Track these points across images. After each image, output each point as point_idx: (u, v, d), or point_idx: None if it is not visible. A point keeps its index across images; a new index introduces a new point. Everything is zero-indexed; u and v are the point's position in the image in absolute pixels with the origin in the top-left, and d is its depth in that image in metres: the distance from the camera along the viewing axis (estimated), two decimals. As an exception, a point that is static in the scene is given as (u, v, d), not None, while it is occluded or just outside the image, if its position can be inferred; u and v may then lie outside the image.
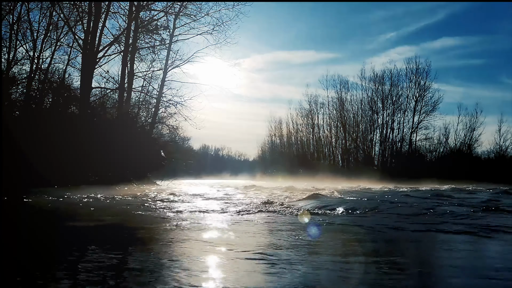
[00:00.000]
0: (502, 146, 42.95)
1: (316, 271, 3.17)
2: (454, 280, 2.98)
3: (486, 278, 3.01)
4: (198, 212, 7.23)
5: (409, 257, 3.88)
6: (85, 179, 14.77)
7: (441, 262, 3.59)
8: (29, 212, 7.36)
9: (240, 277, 2.94)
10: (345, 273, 3.14)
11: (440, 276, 3.11)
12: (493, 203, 9.06)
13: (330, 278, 2.98)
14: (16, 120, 14.76)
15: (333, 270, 3.23)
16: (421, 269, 3.36)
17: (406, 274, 3.17)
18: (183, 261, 3.40)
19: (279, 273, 3.03)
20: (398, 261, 3.61)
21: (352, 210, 7.54)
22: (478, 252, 4.23)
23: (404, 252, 4.19)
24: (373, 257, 3.75)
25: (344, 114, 49.71)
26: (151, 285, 2.75)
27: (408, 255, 4.00)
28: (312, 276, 3.03)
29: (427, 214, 7.11)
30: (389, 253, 4.08)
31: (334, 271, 3.19)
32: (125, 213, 7.13)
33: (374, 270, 3.25)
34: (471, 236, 4.91)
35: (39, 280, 2.89)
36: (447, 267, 3.38)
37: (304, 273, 3.09)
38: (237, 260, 3.49)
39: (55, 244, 4.35)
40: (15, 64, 17.68)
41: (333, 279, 2.96)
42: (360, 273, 3.12)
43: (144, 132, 21.43)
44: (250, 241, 4.51)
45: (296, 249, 4.00)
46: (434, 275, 3.16)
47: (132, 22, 20.36)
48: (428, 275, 3.15)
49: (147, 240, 4.63)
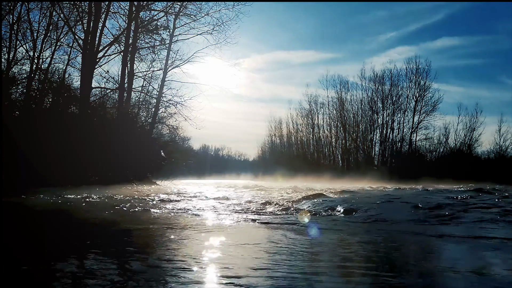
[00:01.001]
0: (502, 146, 42.95)
1: (316, 271, 3.17)
2: (454, 280, 2.98)
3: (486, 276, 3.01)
4: (198, 212, 7.23)
5: (409, 257, 3.88)
6: (85, 179, 14.77)
7: (441, 262, 3.59)
8: (29, 212, 7.36)
9: (239, 278, 2.94)
10: (345, 273, 3.14)
11: (440, 276, 3.11)
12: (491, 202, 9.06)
13: (330, 278, 2.98)
14: (16, 120, 14.76)
15: (333, 270, 3.23)
16: (421, 269, 3.36)
17: (406, 274, 3.17)
18: (182, 262, 3.40)
19: (279, 273, 3.03)
20: (398, 261, 3.61)
21: (352, 210, 7.54)
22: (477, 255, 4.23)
23: (404, 252, 4.19)
24: (373, 257, 3.75)
25: (344, 114, 49.71)
26: (151, 285, 2.75)
27: (408, 255, 4.00)
28: (312, 276, 3.03)
29: (427, 214, 7.10)
30: (389, 253, 4.08)
31: (334, 271, 3.19)
32: (124, 213, 7.13)
33: (374, 270, 3.25)
34: (470, 238, 4.91)
35: (39, 280, 2.89)
36: (447, 267, 3.38)
37: (304, 273, 3.09)
38: (236, 260, 3.49)
39: (55, 243, 4.35)
40: (15, 64, 17.68)
41: (333, 279, 2.96)
42: (360, 273, 3.12)
43: (144, 132, 21.43)
44: (250, 241, 4.51)
45: (296, 249, 4.00)
46: (434, 275, 3.16)
47: (132, 22, 20.36)
48: (428, 275, 3.15)
49: (147, 240, 4.63)
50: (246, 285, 2.72)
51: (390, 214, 7.13)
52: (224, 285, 2.73)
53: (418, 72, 45.11)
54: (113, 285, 2.77)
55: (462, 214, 6.92)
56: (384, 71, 47.13)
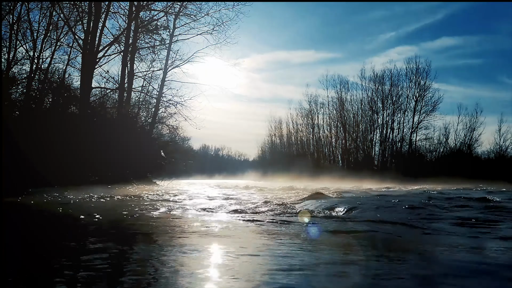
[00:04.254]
0: (502, 146, 42.99)
1: (315, 271, 3.17)
2: (454, 279, 2.98)
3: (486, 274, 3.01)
4: (197, 213, 7.23)
5: (409, 257, 3.88)
6: (85, 179, 14.77)
7: (441, 262, 3.59)
8: (28, 212, 7.36)
9: (240, 278, 2.94)
10: (345, 273, 3.14)
11: (440, 276, 3.11)
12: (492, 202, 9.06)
13: (329, 278, 2.98)
14: (16, 120, 14.75)
15: (333, 270, 3.22)
16: (421, 269, 3.36)
17: (406, 274, 3.17)
18: (182, 262, 3.40)
19: (279, 273, 3.03)
20: (397, 261, 3.61)
21: (352, 210, 7.53)
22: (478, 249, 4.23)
23: (404, 252, 4.18)
24: (373, 257, 3.75)
25: (344, 114, 49.76)
26: (151, 286, 2.75)
27: (408, 255, 3.99)
28: (311, 276, 3.02)
29: (427, 214, 7.10)
30: (389, 253, 4.08)
31: (334, 271, 3.19)
32: (124, 213, 7.12)
33: (374, 270, 3.24)
34: (469, 234, 4.91)
35: (39, 280, 2.89)
36: (447, 267, 3.38)
37: (303, 272, 3.08)
38: (236, 260, 3.49)
39: (55, 244, 4.35)
40: (15, 64, 17.68)
41: (333, 279, 2.96)
42: (359, 274, 3.12)
43: (144, 132, 21.43)
44: (249, 241, 4.51)
45: (296, 249, 3.99)
46: (434, 275, 3.16)
47: (132, 22, 20.36)
48: (427, 276, 3.15)
49: (146, 240, 4.62)
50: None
51: (390, 214, 7.13)
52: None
53: (418, 72, 45.22)
54: (113, 285, 2.77)
55: (462, 215, 6.92)
56: (384, 71, 47.26)
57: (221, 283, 2.77)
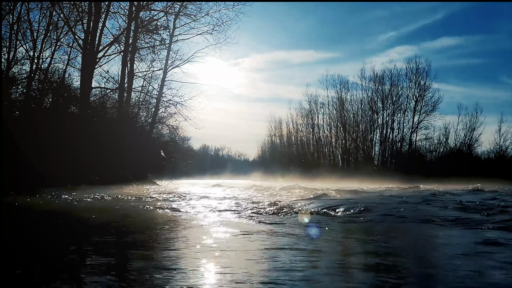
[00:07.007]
0: (502, 146, 42.92)
1: (315, 271, 3.17)
2: (454, 280, 2.98)
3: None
4: (197, 213, 7.23)
5: (409, 257, 3.88)
6: (85, 179, 14.77)
7: (441, 262, 3.59)
8: (28, 212, 7.36)
9: (239, 278, 2.94)
10: (345, 273, 3.14)
11: (440, 276, 3.11)
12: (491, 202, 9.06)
13: (329, 278, 2.98)
14: (16, 120, 14.75)
15: (333, 270, 3.22)
16: (421, 269, 3.36)
17: (406, 274, 3.17)
18: (182, 262, 3.40)
19: (279, 273, 3.03)
20: (397, 261, 3.61)
21: (352, 210, 7.53)
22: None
23: (403, 252, 4.19)
24: (373, 257, 3.75)
25: (344, 114, 49.67)
26: (151, 286, 2.75)
27: (408, 255, 4.00)
28: (311, 275, 3.02)
29: (427, 214, 7.10)
30: (388, 253, 4.08)
31: (334, 271, 3.19)
32: (124, 213, 7.12)
33: (374, 270, 3.25)
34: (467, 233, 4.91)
35: (39, 281, 2.89)
36: (447, 267, 3.38)
37: (303, 272, 3.08)
38: (236, 260, 3.49)
39: (55, 244, 4.35)
40: (15, 64, 17.66)
41: (332, 279, 2.96)
42: (359, 274, 3.12)
43: (144, 132, 21.43)
44: (249, 242, 4.50)
45: (295, 249, 3.99)
46: (434, 275, 3.16)
47: (132, 22, 20.36)
48: (427, 275, 3.15)
49: (146, 240, 4.62)
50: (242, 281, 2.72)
51: (390, 214, 7.13)
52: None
53: (418, 72, 45.09)
54: (113, 285, 2.77)
55: (463, 215, 6.92)
56: (384, 71, 47.09)
57: (221, 281, 2.77)
